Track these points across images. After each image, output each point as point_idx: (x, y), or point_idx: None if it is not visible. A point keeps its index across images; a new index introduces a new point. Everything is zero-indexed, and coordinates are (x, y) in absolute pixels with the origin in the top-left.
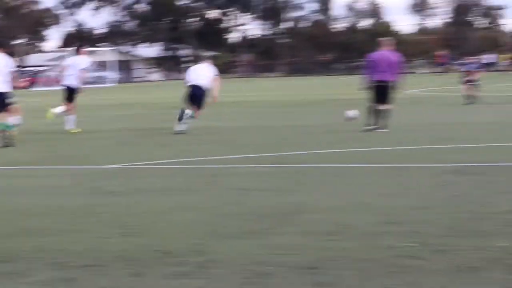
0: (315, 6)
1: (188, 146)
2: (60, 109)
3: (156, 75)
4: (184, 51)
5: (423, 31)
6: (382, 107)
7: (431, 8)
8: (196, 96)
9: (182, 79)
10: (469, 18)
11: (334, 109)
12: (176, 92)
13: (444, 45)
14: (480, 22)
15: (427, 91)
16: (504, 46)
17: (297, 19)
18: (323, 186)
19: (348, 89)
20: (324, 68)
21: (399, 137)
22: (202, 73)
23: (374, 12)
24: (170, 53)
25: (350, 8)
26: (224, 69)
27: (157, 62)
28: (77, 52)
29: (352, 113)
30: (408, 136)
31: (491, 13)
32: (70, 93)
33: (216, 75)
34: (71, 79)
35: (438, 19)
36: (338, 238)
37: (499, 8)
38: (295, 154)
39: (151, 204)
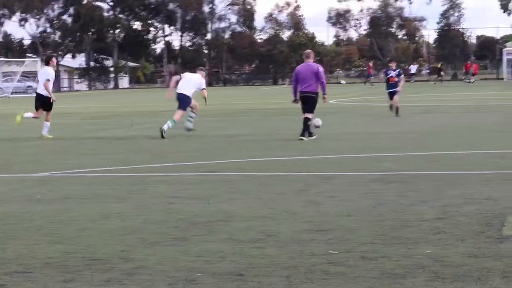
0: (237, 17)
1: (117, 154)
2: (29, 114)
3: (82, 85)
4: (109, 62)
5: (342, 42)
6: (305, 115)
7: (350, 20)
8: (181, 101)
9: (108, 89)
10: (388, 29)
11: (258, 118)
12: (101, 102)
13: (363, 56)
14: (400, 33)
15: (350, 101)
16: (424, 57)
17: (219, 31)
18: (251, 195)
19: (269, 99)
20: (245, 79)
21: (326, 146)
22: (191, 83)
23: (294, 23)
24: (95, 64)
25: (271, 19)
26: (148, 79)
27: (83, 73)
28: (47, 63)
29: (317, 121)
30: (334, 145)
31: (411, 24)
32: (43, 102)
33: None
34: (41, 88)
35: (357, 30)
36: (264, 246)
37: (420, 19)
38: (223, 163)
39: (80, 212)
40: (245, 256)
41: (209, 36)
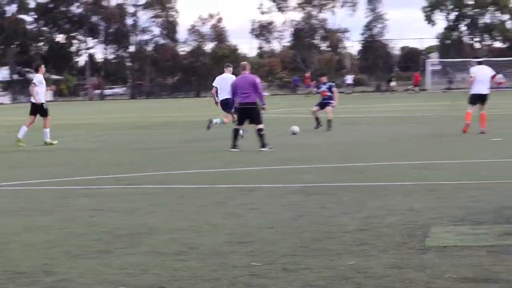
0: (160, 30)
1: (42, 167)
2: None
3: (5, 98)
4: (32, 75)
5: (265, 54)
6: (256, 127)
7: (273, 31)
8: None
9: (31, 102)
10: (312, 41)
11: (179, 131)
12: (25, 115)
13: (286, 67)
14: (323, 45)
15: (273, 113)
16: (347, 69)
17: (142, 43)
18: (171, 207)
19: (192, 112)
20: (168, 91)
21: (247, 158)
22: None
23: (217, 35)
24: (18, 76)
25: (194, 31)
26: (72, 92)
27: (6, 86)
28: (36, 70)
29: (295, 128)
30: (256, 157)
31: (334, 36)
32: (37, 108)
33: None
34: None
35: (281, 42)
36: (186, 258)
37: (343, 31)
38: (143, 175)
39: (3, 225)
40: (167, 269)
41: (132, 48)
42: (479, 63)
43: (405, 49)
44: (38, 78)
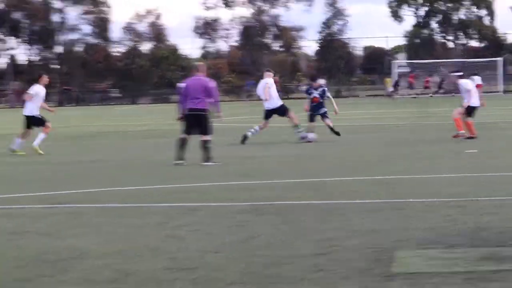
0: (92, 28)
1: None
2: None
3: None
4: None
5: (210, 55)
6: (202, 138)
7: (219, 29)
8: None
9: None
10: (263, 40)
11: (114, 142)
12: None
13: (233, 70)
14: (276, 44)
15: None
16: (302, 71)
17: (71, 43)
18: (105, 228)
19: (128, 120)
20: (101, 97)
21: (191, 173)
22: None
23: (156, 34)
24: None
25: (130, 30)
26: None
27: None
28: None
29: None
30: (200, 172)
31: (288, 34)
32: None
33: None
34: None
35: (228, 41)
36: (121, 286)
37: (298, 29)
38: (73, 193)
39: None
40: None
41: (59, 49)
42: (461, 76)
43: (369, 49)
44: (35, 89)
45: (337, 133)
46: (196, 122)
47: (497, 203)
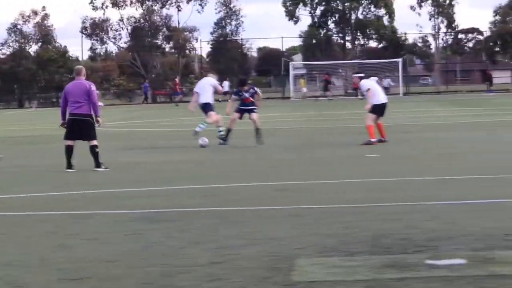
0: None
1: None
2: None
3: None
4: None
5: (99, 57)
6: (89, 143)
7: (108, 30)
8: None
9: None
10: (154, 41)
11: (4, 148)
12: None
13: (123, 72)
14: (167, 45)
15: (111, 126)
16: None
17: None
18: None
19: (15, 125)
20: None
21: (79, 179)
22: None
23: (43, 35)
24: None
25: (16, 31)
26: None
27: None
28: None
29: (203, 141)
30: (89, 179)
31: (180, 35)
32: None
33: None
34: None
35: (117, 42)
36: None
37: (191, 30)
38: None
39: None
40: None
41: None
42: (362, 78)
43: (264, 50)
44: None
45: (259, 135)
46: (78, 127)
47: (399, 209)
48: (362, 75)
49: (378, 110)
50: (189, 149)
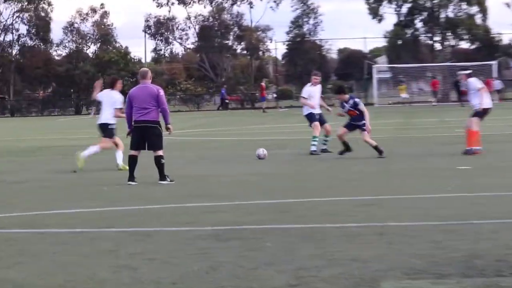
0: (28, 28)
1: None
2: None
3: None
4: None
5: (164, 58)
6: (154, 153)
7: (174, 30)
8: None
9: None
10: (224, 42)
11: (56, 158)
12: None
13: (190, 76)
14: (239, 47)
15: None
16: (270, 77)
17: (5, 45)
18: (44, 257)
19: (71, 133)
20: (40, 107)
21: (142, 193)
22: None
23: (102, 35)
24: None
25: (72, 30)
26: None
27: None
28: (112, 85)
29: (262, 152)
30: (153, 192)
31: (253, 35)
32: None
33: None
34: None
35: (184, 43)
36: None
37: (264, 29)
38: (5, 217)
39: None
40: None
41: None
42: (470, 75)
43: (345, 51)
44: (118, 99)
45: (381, 152)
46: (144, 136)
47: (494, 227)
48: (469, 71)
49: (483, 114)
50: (261, 161)
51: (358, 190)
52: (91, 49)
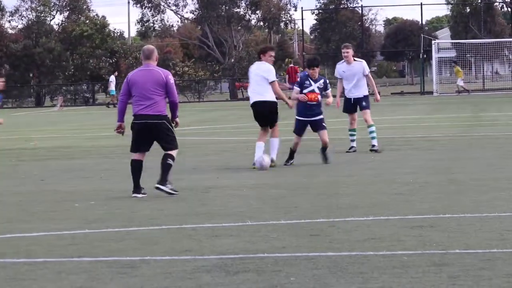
0: None
1: None
2: None
3: None
4: None
5: (154, 32)
6: (165, 153)
7: None
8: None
9: None
10: (234, 11)
11: (12, 165)
12: None
13: (189, 55)
14: (253, 17)
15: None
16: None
17: None
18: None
19: (31, 132)
20: None
21: (124, 209)
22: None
23: (71, 1)
24: None
25: None
26: None
27: None
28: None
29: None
30: (137, 209)
31: (272, 2)
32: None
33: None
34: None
35: (180, 12)
36: None
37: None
38: None
39: None
40: None
41: None
42: None
43: (394, 22)
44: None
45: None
46: (150, 134)
47: None
48: None
49: None
50: (279, 168)
51: (405, 206)
52: (56, 20)
